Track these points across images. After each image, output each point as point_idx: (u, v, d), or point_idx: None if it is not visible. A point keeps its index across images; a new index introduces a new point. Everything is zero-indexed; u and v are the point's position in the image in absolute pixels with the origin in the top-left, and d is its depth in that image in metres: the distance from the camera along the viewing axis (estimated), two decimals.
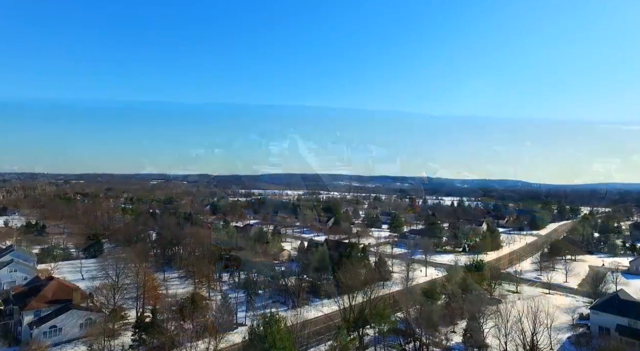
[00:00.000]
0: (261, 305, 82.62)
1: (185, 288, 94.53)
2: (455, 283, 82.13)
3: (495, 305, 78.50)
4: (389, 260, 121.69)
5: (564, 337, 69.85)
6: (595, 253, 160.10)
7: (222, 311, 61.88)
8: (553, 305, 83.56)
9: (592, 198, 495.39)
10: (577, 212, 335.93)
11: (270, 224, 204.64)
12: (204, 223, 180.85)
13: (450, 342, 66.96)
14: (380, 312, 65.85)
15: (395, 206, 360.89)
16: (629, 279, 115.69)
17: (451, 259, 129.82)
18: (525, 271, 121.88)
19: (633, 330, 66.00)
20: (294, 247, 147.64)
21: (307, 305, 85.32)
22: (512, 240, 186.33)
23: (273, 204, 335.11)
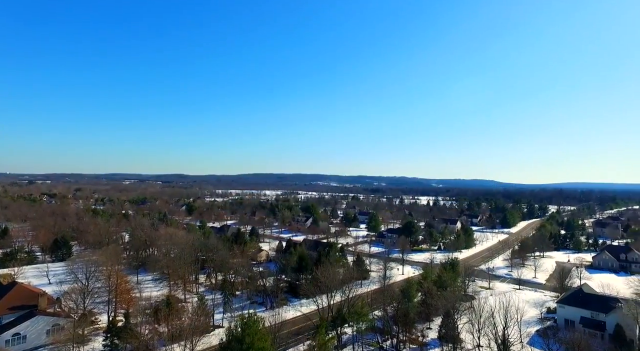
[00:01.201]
0: (239, 306, 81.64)
1: (160, 290, 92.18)
2: (431, 281, 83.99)
3: (469, 301, 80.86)
4: (367, 259, 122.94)
5: (532, 330, 72.76)
6: (562, 250, 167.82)
7: (199, 314, 60.55)
8: (523, 300, 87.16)
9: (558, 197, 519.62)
10: (545, 210, 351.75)
11: (248, 224, 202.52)
12: (179, 224, 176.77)
13: (426, 338, 68.41)
14: (358, 311, 66.48)
15: (373, 205, 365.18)
16: (592, 273, 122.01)
17: (427, 257, 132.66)
18: (497, 268, 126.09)
19: (595, 321, 69.66)
20: (272, 247, 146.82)
21: (285, 305, 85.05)
22: (485, 238, 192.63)
23: (251, 204, 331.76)
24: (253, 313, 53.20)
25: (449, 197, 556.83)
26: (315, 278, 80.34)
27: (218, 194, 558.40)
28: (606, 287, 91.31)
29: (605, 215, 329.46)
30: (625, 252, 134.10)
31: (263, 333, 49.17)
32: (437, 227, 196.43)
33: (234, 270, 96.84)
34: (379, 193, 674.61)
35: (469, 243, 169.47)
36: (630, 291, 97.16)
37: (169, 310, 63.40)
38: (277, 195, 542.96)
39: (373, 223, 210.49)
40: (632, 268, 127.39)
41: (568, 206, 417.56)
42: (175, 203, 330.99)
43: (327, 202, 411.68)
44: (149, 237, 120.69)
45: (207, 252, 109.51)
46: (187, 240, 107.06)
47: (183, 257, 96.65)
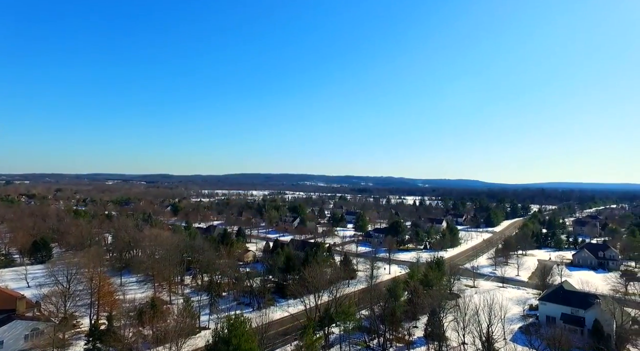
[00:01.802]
0: (225, 307, 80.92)
1: (144, 292, 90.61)
2: (417, 280, 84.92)
3: (455, 299, 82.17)
4: (354, 259, 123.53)
5: (515, 327, 74.35)
6: (544, 248, 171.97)
7: (184, 315, 59.73)
8: (506, 297, 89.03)
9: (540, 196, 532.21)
10: (528, 210, 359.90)
11: (234, 225, 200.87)
12: (164, 225, 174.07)
13: (413, 337, 69.13)
14: (345, 310, 66.67)
15: (360, 205, 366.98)
16: (572, 271, 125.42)
17: (413, 256, 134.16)
18: (482, 267, 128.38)
19: (575, 317, 71.62)
20: (259, 248, 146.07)
21: (272, 306, 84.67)
22: (470, 237, 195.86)
23: (238, 205, 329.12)
24: (240, 314, 52.87)
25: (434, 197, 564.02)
26: (303, 278, 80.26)
27: (204, 194, 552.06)
28: (585, 284, 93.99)
29: (584, 214, 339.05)
30: (603, 249, 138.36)
31: (250, 334, 48.86)
32: (423, 227, 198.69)
33: (221, 271, 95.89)
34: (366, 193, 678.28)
35: (454, 242, 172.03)
36: (608, 287, 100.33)
37: (153, 312, 62.33)
38: (265, 195, 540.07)
39: (360, 223, 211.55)
40: (610, 265, 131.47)
41: (549, 205, 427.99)
42: (160, 204, 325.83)
43: (315, 202, 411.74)
44: (133, 238, 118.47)
45: (193, 252, 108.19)
46: (172, 241, 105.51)
47: (168, 258, 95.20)
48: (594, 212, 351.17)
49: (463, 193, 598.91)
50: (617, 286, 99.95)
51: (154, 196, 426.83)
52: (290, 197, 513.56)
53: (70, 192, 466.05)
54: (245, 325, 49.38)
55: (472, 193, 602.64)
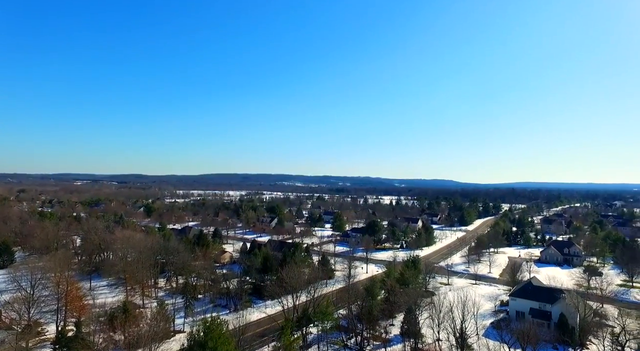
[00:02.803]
0: (201, 309, 79.37)
1: (115, 296, 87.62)
2: (394, 279, 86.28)
3: (430, 297, 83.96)
4: (332, 259, 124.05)
5: (487, 323, 76.82)
6: (514, 246, 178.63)
7: (158, 319, 58.05)
8: (479, 294, 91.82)
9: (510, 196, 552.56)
10: (499, 209, 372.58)
11: (211, 226, 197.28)
12: (137, 226, 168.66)
13: (389, 335, 70.13)
14: (323, 310, 66.88)
15: (338, 205, 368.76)
16: (540, 267, 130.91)
17: (390, 255, 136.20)
18: (456, 265, 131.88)
19: (543, 312, 74.81)
20: (236, 249, 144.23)
21: (250, 307, 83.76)
22: (444, 235, 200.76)
23: (214, 205, 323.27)
24: (216, 316, 51.98)
25: (410, 197, 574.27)
26: (281, 279, 79.84)
27: (179, 195, 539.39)
28: (552, 280, 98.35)
29: (551, 213, 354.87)
30: (568, 246, 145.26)
31: (226, 337, 48.17)
32: (399, 226, 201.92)
33: (196, 272, 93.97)
34: (344, 193, 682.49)
35: (429, 241, 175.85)
36: (572, 282, 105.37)
37: (125, 317, 60.23)
38: (242, 196, 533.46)
39: (338, 223, 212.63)
40: (574, 261, 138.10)
41: (519, 204, 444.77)
42: (133, 205, 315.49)
43: (293, 202, 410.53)
44: (104, 241, 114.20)
45: (167, 254, 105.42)
46: (145, 243, 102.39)
47: (141, 260, 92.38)
48: (560, 211, 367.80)
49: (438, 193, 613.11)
50: (581, 281, 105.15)
51: (125, 197, 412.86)
52: (267, 197, 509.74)
53: (34, 193, 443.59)
54: (222, 327, 48.63)
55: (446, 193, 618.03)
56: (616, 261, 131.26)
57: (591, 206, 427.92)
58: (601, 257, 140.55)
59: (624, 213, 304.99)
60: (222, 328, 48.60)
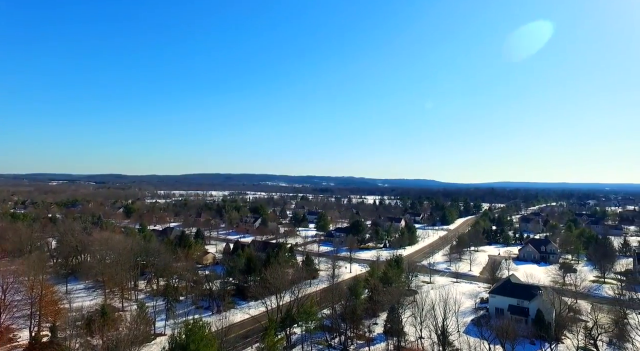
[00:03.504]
0: (183, 312, 77.91)
1: (93, 299, 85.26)
2: (377, 278, 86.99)
3: (412, 295, 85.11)
4: (316, 259, 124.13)
5: (468, 320, 78.40)
6: (493, 244, 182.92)
7: (138, 322, 56.74)
8: (460, 292, 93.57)
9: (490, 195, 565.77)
10: (479, 208, 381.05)
11: (193, 227, 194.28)
12: (116, 228, 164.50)
13: (373, 334, 70.70)
14: (307, 310, 66.82)
15: (322, 205, 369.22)
16: (518, 265, 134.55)
17: (373, 255, 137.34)
18: (438, 263, 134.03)
19: (521, 308, 76.90)
20: (219, 250, 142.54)
21: (233, 309, 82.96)
22: (426, 234, 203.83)
23: (196, 206, 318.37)
24: (198, 318, 51.22)
25: (393, 197, 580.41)
26: (264, 280, 79.38)
27: (160, 195, 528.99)
28: (530, 277, 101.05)
29: (529, 212, 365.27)
30: (545, 244, 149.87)
31: (209, 339, 47.50)
32: (382, 226, 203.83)
33: (178, 274, 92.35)
34: (328, 193, 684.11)
35: (412, 240, 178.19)
36: (549, 279, 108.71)
37: (103, 320, 58.69)
38: (224, 196, 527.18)
39: (322, 222, 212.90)
40: (550, 258, 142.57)
41: (498, 203, 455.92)
42: (112, 205, 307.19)
43: (276, 202, 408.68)
44: (81, 242, 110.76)
45: (148, 256, 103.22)
46: (125, 244, 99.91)
47: (120, 262, 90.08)
48: (537, 210, 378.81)
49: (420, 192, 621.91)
50: (557, 278, 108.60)
51: (104, 197, 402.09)
52: (251, 198, 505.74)
53: (6, 194, 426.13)
54: (204, 329, 47.94)
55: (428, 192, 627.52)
56: (589, 258, 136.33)
57: (566, 205, 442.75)
58: (576, 254, 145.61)
59: (597, 212, 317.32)
60: (205, 330, 47.91)
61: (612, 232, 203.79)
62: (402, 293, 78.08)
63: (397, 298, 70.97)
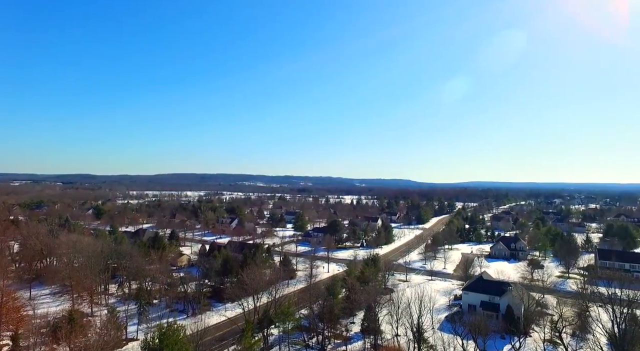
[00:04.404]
0: (156, 315, 75.82)
1: (60, 305, 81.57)
2: (355, 277, 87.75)
3: (389, 294, 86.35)
4: (294, 259, 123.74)
5: (442, 317, 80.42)
6: (467, 242, 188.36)
7: (108, 327, 54.71)
8: (435, 289, 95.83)
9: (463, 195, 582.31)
10: (453, 207, 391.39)
11: (167, 228, 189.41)
12: (85, 230, 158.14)
13: (350, 333, 71.29)
14: (285, 311, 66.55)
15: (299, 205, 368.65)
16: (490, 262, 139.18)
17: (351, 254, 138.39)
18: (413, 262, 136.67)
19: (492, 304, 79.59)
20: (195, 251, 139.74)
21: (209, 311, 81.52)
22: (403, 234, 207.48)
23: (170, 206, 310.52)
24: (172, 321, 50.11)
25: (371, 196, 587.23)
26: (241, 281, 78.43)
27: (132, 196, 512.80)
28: (500, 273, 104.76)
29: (500, 210, 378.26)
30: (515, 242, 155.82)
31: (184, 342, 46.57)
32: (360, 225, 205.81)
33: (151, 277, 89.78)
34: (306, 193, 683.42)
35: (388, 239, 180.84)
36: (518, 275, 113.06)
37: (71, 327, 56.17)
38: (200, 196, 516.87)
39: (300, 222, 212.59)
40: (520, 255, 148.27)
41: (471, 203, 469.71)
42: (80, 207, 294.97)
43: (254, 203, 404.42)
44: (46, 246, 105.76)
45: (119, 258, 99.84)
46: (94, 247, 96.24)
47: (90, 265, 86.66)
48: (507, 209, 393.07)
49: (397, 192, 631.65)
50: (525, 274, 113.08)
51: (72, 198, 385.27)
52: (227, 198, 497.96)
53: None
54: (179, 333, 46.93)
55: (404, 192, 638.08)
56: (555, 254, 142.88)
57: (534, 204, 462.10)
58: (543, 251, 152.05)
59: (562, 210, 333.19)
60: (179, 334, 46.90)
61: (576, 229, 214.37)
62: (378, 292, 79.11)
63: (374, 296, 71.83)
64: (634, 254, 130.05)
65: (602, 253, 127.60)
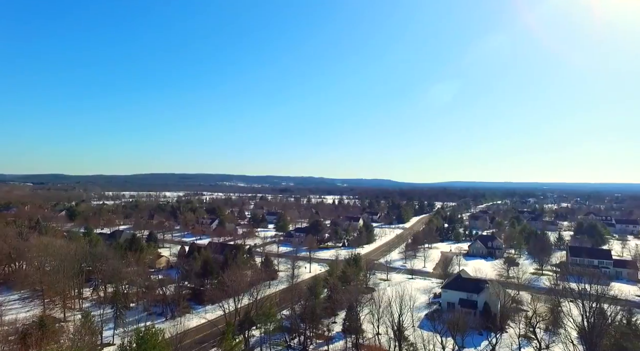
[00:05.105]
0: (134, 319, 73.84)
1: (30, 311, 78.25)
2: (336, 277, 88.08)
3: (370, 293, 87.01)
4: (275, 259, 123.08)
5: (422, 314, 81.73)
6: (446, 241, 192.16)
7: (82, 333, 52.82)
8: (415, 288, 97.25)
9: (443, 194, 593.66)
10: (433, 207, 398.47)
11: (145, 229, 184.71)
12: (58, 232, 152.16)
13: (332, 332, 71.47)
14: (266, 312, 66.10)
15: (281, 205, 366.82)
16: (468, 260, 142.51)
17: (333, 254, 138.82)
18: (394, 261, 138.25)
19: (470, 301, 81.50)
20: (174, 253, 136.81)
21: (188, 314, 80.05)
22: (384, 233, 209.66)
23: (148, 207, 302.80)
24: (150, 325, 48.85)
25: (352, 196, 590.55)
26: (222, 283, 77.41)
27: (108, 196, 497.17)
28: (478, 271, 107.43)
29: (477, 210, 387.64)
30: (491, 240, 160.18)
31: (162, 346, 45.52)
32: (341, 225, 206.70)
33: (128, 279, 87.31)
34: (287, 193, 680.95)
35: (370, 239, 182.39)
36: (495, 273, 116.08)
37: (42, 333, 54.07)
38: (179, 197, 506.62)
39: (281, 223, 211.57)
40: (496, 253, 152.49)
41: (450, 202, 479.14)
42: (52, 208, 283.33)
43: (234, 203, 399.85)
44: (15, 249, 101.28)
45: (94, 261, 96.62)
46: (67, 250, 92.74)
47: (62, 269, 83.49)
48: (484, 208, 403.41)
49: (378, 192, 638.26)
50: (502, 272, 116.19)
51: (43, 199, 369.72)
52: (208, 198, 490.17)
53: None
54: (157, 337, 45.82)
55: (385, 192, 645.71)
56: (530, 252, 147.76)
57: (510, 203, 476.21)
58: (518, 248, 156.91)
59: (536, 209, 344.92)
60: (158, 338, 45.80)
61: (549, 227, 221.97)
62: (360, 292, 79.65)
63: (356, 296, 72.25)
64: (602, 251, 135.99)
65: (573, 250, 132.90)
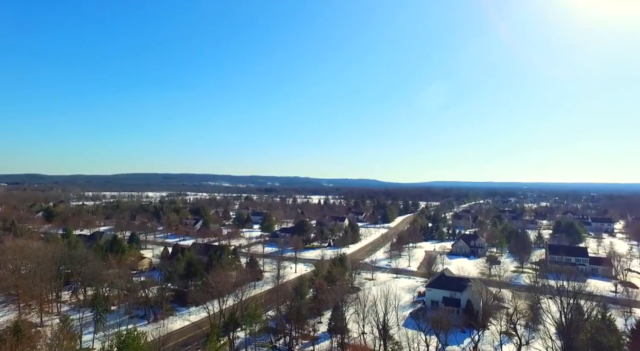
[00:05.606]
0: (115, 322, 72.20)
1: (4, 316, 75.54)
2: (322, 277, 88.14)
3: (355, 293, 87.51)
4: (261, 260, 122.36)
5: (407, 313, 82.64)
6: (430, 240, 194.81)
7: (60, 338, 51.28)
8: (400, 287, 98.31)
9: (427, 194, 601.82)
10: (417, 206, 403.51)
11: (126, 230, 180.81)
12: (34, 234, 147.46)
13: (317, 332, 71.46)
14: (251, 313, 65.66)
15: (266, 205, 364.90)
16: (451, 259, 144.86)
17: (318, 254, 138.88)
18: (379, 260, 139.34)
19: (453, 299, 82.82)
20: (157, 254, 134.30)
21: (172, 316, 78.80)
22: (369, 233, 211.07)
23: (130, 208, 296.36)
24: (132, 328, 47.92)
25: (338, 196, 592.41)
26: (206, 284, 76.44)
27: (88, 197, 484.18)
28: (461, 270, 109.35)
29: (461, 209, 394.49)
30: (474, 239, 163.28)
31: (145, 349, 44.70)
32: (327, 225, 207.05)
33: (109, 282, 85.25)
34: (273, 193, 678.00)
35: (355, 238, 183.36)
36: (477, 271, 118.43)
37: (17, 339, 52.12)
38: (162, 197, 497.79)
39: (267, 223, 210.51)
40: (479, 252, 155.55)
41: (434, 202, 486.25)
42: (29, 209, 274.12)
43: (219, 203, 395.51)
44: None
45: (73, 264, 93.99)
46: (45, 252, 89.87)
47: (39, 272, 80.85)
48: (467, 207, 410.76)
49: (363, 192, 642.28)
50: (484, 270, 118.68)
51: (18, 200, 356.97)
52: (191, 198, 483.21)
53: None
54: (139, 340, 44.98)
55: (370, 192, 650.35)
56: (511, 250, 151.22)
57: (492, 202, 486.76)
58: (500, 247, 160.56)
59: (517, 208, 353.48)
60: (140, 341, 44.96)
61: (529, 226, 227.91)
62: (345, 291, 79.99)
63: (341, 296, 72.50)
64: (579, 249, 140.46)
65: (552, 248, 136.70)
